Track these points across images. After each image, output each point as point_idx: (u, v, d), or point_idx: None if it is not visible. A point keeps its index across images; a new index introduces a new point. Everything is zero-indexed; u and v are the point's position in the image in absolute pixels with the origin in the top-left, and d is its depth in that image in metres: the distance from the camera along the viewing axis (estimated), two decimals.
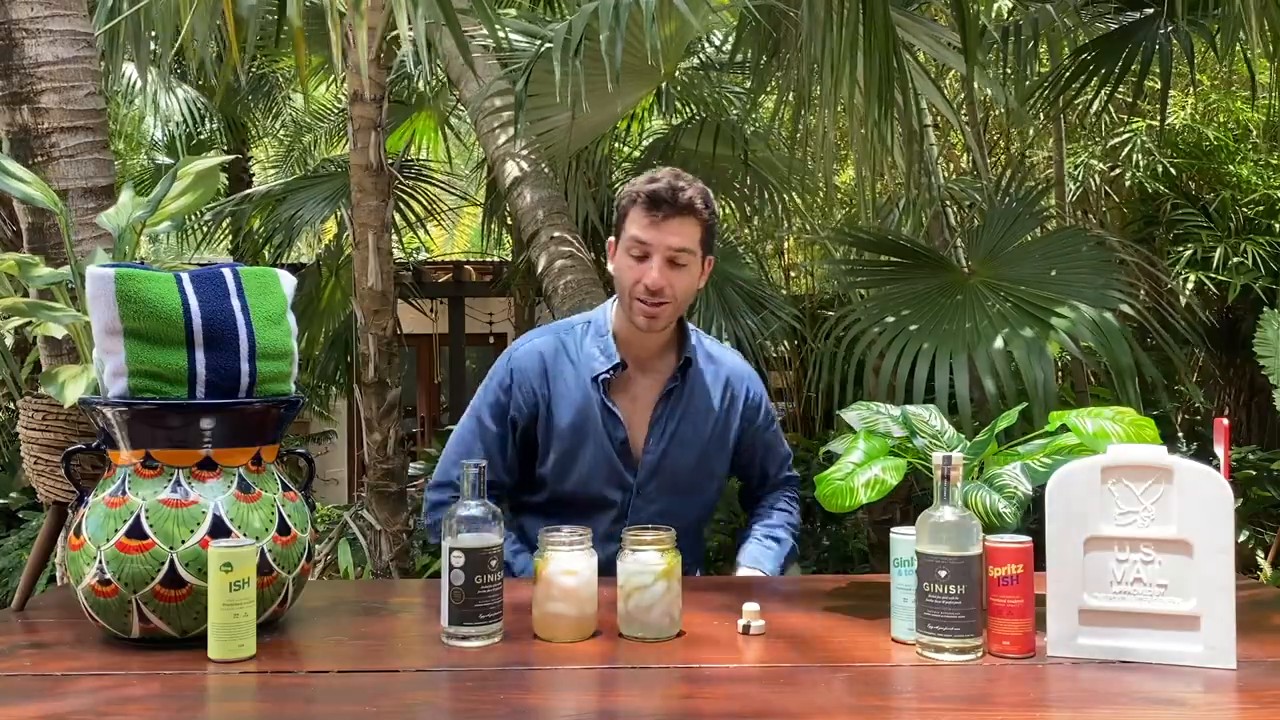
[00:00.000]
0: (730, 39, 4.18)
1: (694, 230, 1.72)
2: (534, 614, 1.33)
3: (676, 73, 3.98)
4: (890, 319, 2.86)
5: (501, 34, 2.67)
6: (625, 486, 1.79)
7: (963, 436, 1.51)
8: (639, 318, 1.73)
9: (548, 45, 2.71)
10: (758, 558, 1.84)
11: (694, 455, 1.82)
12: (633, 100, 3.70)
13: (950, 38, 3.52)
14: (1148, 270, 3.25)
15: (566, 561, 1.31)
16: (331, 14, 2.13)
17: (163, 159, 7.09)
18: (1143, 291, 3.24)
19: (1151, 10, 3.46)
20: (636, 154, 5.10)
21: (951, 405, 2.57)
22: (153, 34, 2.81)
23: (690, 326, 1.87)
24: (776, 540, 1.88)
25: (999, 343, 2.62)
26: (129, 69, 5.30)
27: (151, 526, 1.25)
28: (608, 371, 1.77)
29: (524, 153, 3.35)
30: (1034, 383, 2.51)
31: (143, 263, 1.49)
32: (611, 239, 1.80)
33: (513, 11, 4.10)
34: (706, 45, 4.55)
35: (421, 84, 5.22)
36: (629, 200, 1.74)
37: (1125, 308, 2.69)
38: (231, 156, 2.77)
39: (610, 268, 1.80)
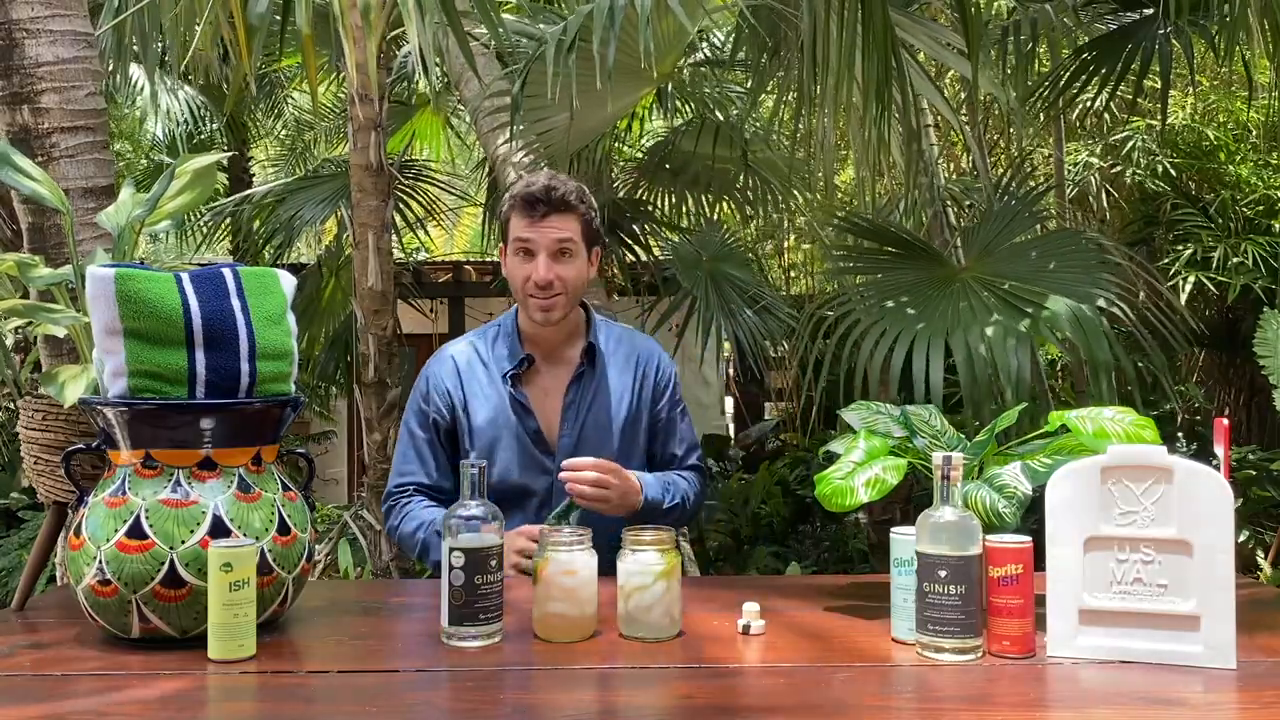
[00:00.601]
0: (731, 38, 4.18)
1: (573, 224, 1.82)
2: (534, 614, 1.33)
3: (676, 72, 3.98)
4: (882, 305, 2.89)
5: (502, 33, 2.66)
6: (546, 471, 1.86)
7: (962, 436, 1.51)
8: (535, 313, 1.83)
9: (544, 47, 2.71)
10: (643, 478, 1.84)
11: (612, 436, 1.89)
12: (631, 101, 3.69)
13: (950, 38, 3.52)
14: (1145, 271, 3.25)
15: (566, 561, 1.31)
16: (345, 21, 2.11)
17: (163, 159, 7.09)
18: (1141, 294, 3.24)
19: (1151, 11, 3.46)
20: (637, 154, 5.10)
21: (928, 394, 2.59)
22: (160, 37, 2.81)
23: (597, 316, 1.96)
24: (665, 486, 1.87)
25: (976, 331, 2.64)
26: (132, 69, 5.30)
27: (151, 526, 1.25)
28: (515, 367, 1.87)
29: (524, 154, 3.35)
30: (1008, 370, 2.53)
31: (143, 263, 1.49)
32: (501, 245, 1.90)
33: (513, 1, 4.09)
34: (706, 46, 4.55)
35: (422, 84, 5.22)
36: (509, 206, 1.85)
37: (1115, 308, 2.70)
38: (229, 154, 2.76)
39: (504, 273, 1.89)
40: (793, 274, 6.21)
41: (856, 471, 1.40)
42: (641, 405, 1.93)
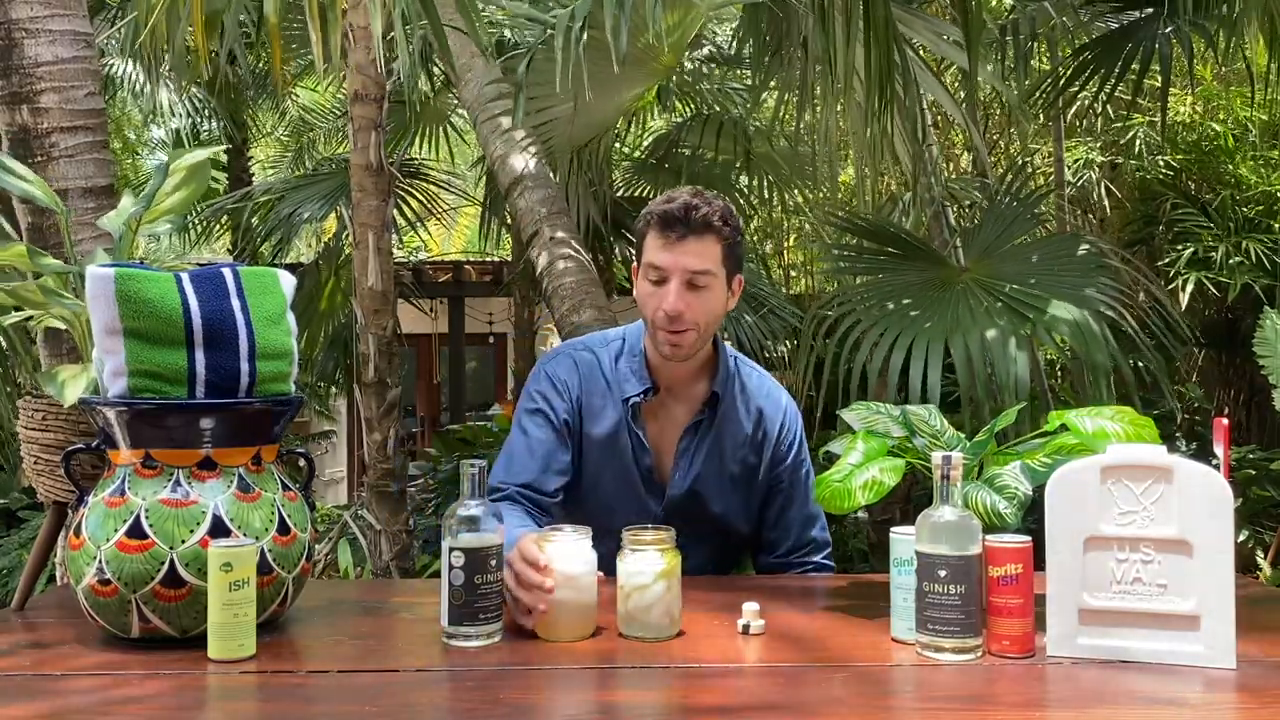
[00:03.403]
0: (737, 35, 4.17)
1: (713, 250, 1.63)
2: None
3: (678, 69, 3.98)
4: (882, 306, 2.89)
5: (504, 21, 2.68)
6: (647, 514, 1.70)
7: (962, 436, 1.51)
8: (663, 346, 1.65)
9: (551, 32, 2.70)
10: None
11: (722, 492, 1.74)
12: (635, 93, 3.68)
13: (951, 32, 3.52)
14: (1143, 274, 3.25)
15: (568, 556, 1.32)
16: (312, 10, 2.12)
17: (165, 158, 7.08)
18: (1141, 294, 3.24)
19: (1151, 10, 3.46)
20: (638, 154, 5.10)
21: (925, 394, 2.59)
22: (167, 39, 2.81)
23: (727, 350, 1.78)
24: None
25: (976, 334, 2.64)
26: (132, 69, 5.30)
27: (151, 526, 1.25)
28: (639, 395, 1.70)
29: (523, 154, 3.35)
30: (1006, 373, 2.54)
31: (142, 262, 1.49)
32: (634, 263, 1.74)
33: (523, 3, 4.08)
34: (708, 45, 4.55)
35: (414, 82, 5.22)
36: (644, 223, 1.67)
37: (1110, 310, 2.70)
38: (223, 147, 2.76)
39: (634, 294, 1.73)
40: (793, 274, 6.21)
41: (854, 473, 1.40)
42: (760, 464, 1.76)
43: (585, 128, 3.32)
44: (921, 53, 3.86)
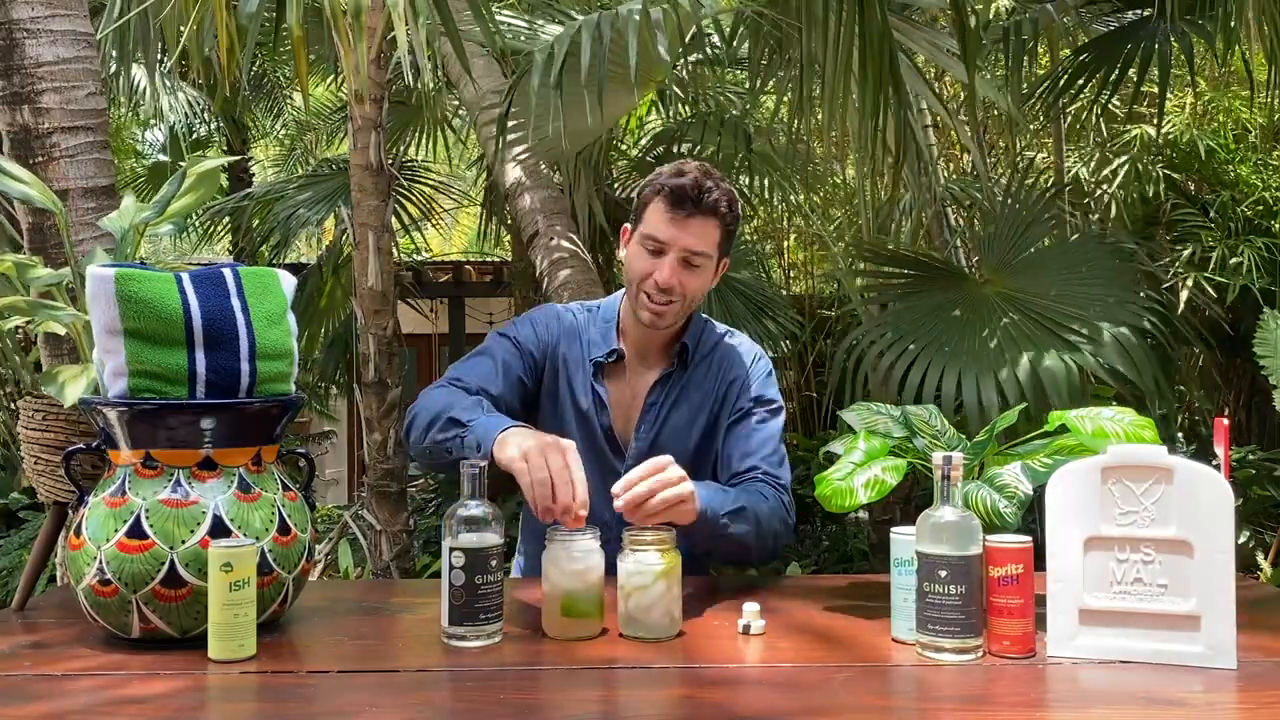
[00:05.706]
0: (741, 36, 4.17)
1: (714, 232, 1.66)
2: (545, 611, 1.33)
3: (678, 70, 3.98)
4: (904, 338, 2.79)
5: (497, 37, 2.67)
6: (613, 472, 1.70)
7: (963, 436, 1.51)
8: (644, 312, 1.68)
9: (530, 68, 2.71)
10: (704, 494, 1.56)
11: (689, 444, 1.75)
12: (628, 105, 3.67)
13: (948, 43, 3.52)
14: (1159, 273, 3.25)
15: (581, 557, 1.32)
16: (338, 23, 2.11)
17: (163, 158, 7.10)
18: (1142, 294, 3.23)
19: (1149, 11, 3.46)
20: (636, 152, 5.10)
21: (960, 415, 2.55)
22: (159, 38, 2.82)
23: (700, 316, 1.81)
24: (725, 492, 1.62)
25: (1024, 364, 2.55)
26: (133, 70, 5.30)
27: (151, 526, 1.25)
28: (603, 356, 1.74)
29: (523, 156, 3.35)
30: (1057, 392, 2.47)
31: (143, 263, 1.49)
32: (627, 225, 1.74)
33: (509, 12, 4.09)
34: (708, 47, 4.55)
35: (420, 86, 5.23)
36: (652, 190, 1.67)
37: (1150, 323, 2.63)
38: (236, 158, 2.76)
39: (621, 254, 1.75)
40: (793, 274, 6.20)
41: (856, 472, 1.40)
42: (722, 413, 1.76)
43: (579, 138, 3.31)
44: (920, 59, 3.86)
